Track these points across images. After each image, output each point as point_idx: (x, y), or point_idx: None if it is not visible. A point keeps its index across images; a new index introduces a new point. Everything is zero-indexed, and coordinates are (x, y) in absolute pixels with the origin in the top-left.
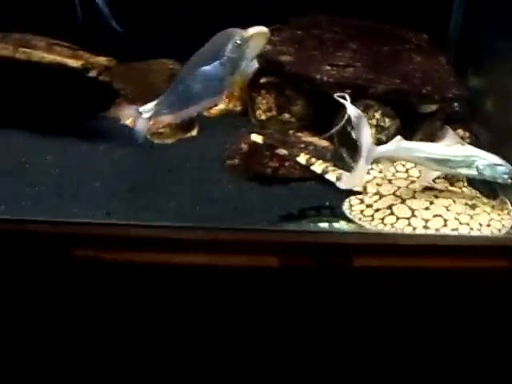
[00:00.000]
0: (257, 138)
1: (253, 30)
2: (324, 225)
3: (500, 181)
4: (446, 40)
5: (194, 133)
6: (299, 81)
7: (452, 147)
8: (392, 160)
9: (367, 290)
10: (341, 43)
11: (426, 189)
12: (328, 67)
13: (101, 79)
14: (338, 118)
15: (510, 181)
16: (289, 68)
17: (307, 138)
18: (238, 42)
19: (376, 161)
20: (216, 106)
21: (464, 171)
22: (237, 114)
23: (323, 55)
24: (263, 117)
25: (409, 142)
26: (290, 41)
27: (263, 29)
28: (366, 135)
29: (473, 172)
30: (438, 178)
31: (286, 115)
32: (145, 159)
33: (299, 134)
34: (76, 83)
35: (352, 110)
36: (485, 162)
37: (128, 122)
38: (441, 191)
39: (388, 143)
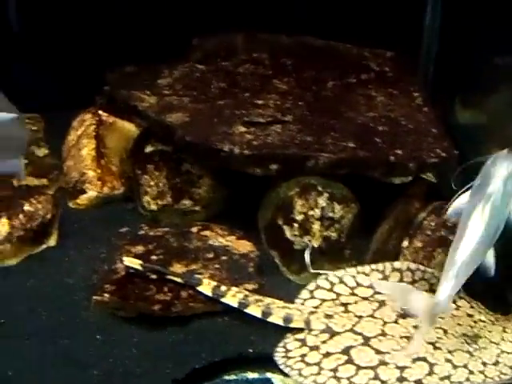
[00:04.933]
0: (132, 262)
1: None
2: None
3: None
4: (419, 55)
5: (52, 242)
6: (199, 154)
7: None
8: None
9: None
10: (263, 82)
11: (401, 315)
12: (242, 128)
13: None
14: (267, 205)
15: None
16: (181, 134)
17: (218, 238)
18: None
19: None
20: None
21: None
22: (118, 200)
23: (235, 106)
24: (153, 206)
25: None
26: (186, 84)
27: None
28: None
29: None
30: None
31: (187, 202)
32: None
33: (206, 234)
34: None
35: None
36: None
37: None
38: None
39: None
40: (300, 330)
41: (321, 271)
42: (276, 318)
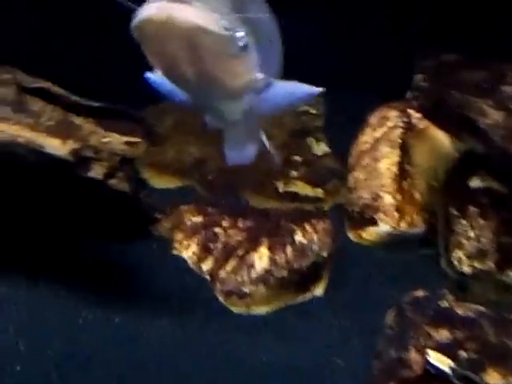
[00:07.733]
0: (438, 360)
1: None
2: None
3: None
4: None
5: (319, 291)
6: None
7: None
8: None
9: None
10: None
11: None
12: None
13: (112, 185)
14: None
15: None
16: None
17: None
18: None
19: None
20: None
21: None
22: (414, 241)
23: None
24: (466, 267)
25: None
26: None
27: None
28: None
29: None
30: None
31: None
32: (211, 361)
33: None
34: (65, 187)
35: None
36: None
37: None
38: None
39: None
40: None
41: None
42: None
